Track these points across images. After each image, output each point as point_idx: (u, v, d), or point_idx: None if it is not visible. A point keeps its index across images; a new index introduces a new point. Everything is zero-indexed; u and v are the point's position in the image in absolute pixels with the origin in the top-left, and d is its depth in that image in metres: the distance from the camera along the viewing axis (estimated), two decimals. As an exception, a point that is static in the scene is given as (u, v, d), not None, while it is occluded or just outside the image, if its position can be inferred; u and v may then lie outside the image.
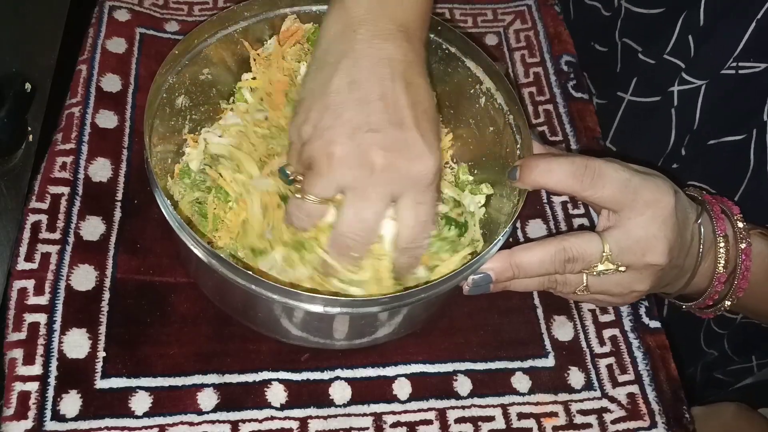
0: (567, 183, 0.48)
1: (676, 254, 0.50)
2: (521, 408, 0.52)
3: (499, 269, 0.48)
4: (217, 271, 0.45)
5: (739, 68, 0.62)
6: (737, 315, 0.71)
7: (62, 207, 0.55)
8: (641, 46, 0.70)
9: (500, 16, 0.76)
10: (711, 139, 0.66)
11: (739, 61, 0.62)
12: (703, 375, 0.81)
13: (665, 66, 0.67)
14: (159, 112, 0.52)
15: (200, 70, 0.55)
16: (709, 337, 0.77)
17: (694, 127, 0.67)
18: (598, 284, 0.51)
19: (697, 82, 0.65)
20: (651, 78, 0.69)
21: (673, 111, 0.68)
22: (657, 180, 0.50)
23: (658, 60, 0.68)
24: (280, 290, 0.44)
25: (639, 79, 0.71)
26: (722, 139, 0.65)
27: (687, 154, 0.69)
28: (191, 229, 0.45)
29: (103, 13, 0.66)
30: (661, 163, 0.71)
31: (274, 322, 0.50)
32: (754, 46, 0.61)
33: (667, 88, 0.67)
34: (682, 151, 0.69)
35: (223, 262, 0.44)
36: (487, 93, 0.56)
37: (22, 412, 0.46)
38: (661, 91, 0.68)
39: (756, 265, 0.54)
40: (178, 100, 0.54)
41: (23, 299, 0.50)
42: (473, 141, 0.60)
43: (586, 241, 0.49)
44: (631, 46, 0.72)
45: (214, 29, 0.55)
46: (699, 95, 0.65)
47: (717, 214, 0.53)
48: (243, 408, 0.50)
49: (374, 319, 0.49)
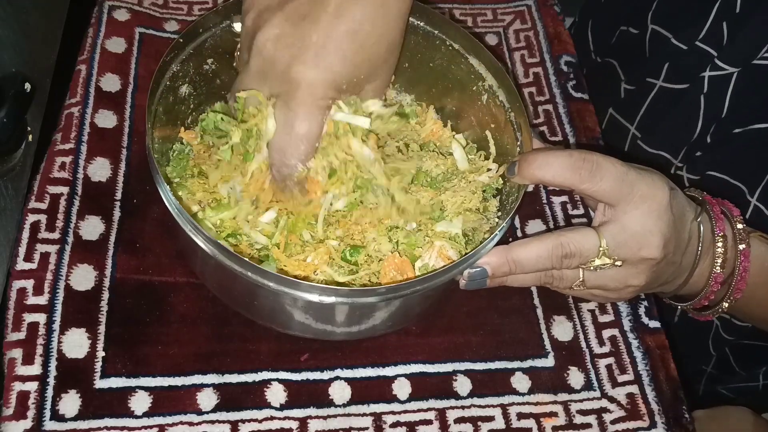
0: (565, 176, 0.48)
1: (672, 250, 0.50)
2: (521, 408, 0.53)
3: (495, 264, 0.48)
4: (215, 258, 0.45)
5: None
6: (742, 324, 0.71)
7: (61, 207, 0.55)
8: (672, 32, 0.69)
9: (500, 16, 0.76)
10: (737, 127, 0.65)
11: None
12: (707, 388, 0.81)
13: (697, 52, 0.66)
14: (162, 99, 0.52)
15: (204, 60, 0.55)
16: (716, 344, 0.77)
17: (722, 115, 0.66)
18: (594, 279, 0.51)
19: (729, 69, 0.64)
20: (682, 64, 0.69)
21: (702, 98, 0.67)
22: (653, 175, 0.50)
23: (690, 46, 0.67)
24: (277, 278, 0.44)
25: (670, 65, 0.70)
26: (748, 128, 0.64)
27: (712, 141, 0.68)
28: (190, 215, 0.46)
29: (102, 12, 0.66)
30: (685, 150, 0.70)
31: (271, 311, 0.50)
32: None
33: (698, 74, 0.66)
34: (708, 139, 0.68)
35: (222, 249, 0.44)
36: (489, 90, 0.56)
37: (22, 412, 0.46)
38: (692, 78, 0.68)
39: (755, 267, 0.54)
40: (182, 89, 0.55)
41: (22, 299, 0.50)
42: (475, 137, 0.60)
43: (583, 236, 0.49)
44: (661, 33, 0.71)
45: (219, 19, 0.55)
46: (730, 83, 0.64)
47: (717, 215, 0.53)
48: (242, 408, 0.50)
49: (369, 310, 0.49)
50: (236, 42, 0.55)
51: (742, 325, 0.71)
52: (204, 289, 0.54)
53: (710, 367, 0.79)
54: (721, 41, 0.64)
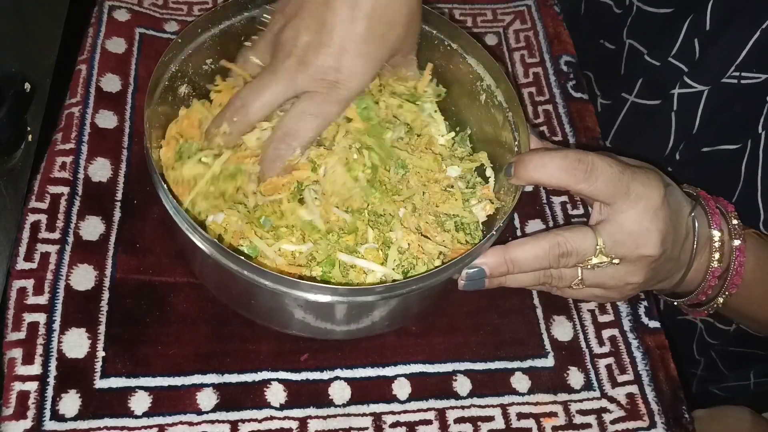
0: (560, 177, 0.48)
1: (670, 246, 0.51)
2: (521, 408, 0.53)
3: (493, 264, 0.49)
4: (213, 258, 0.45)
5: (741, 78, 0.62)
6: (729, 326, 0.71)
7: (62, 207, 0.55)
8: (647, 48, 0.70)
9: (500, 16, 0.76)
10: (705, 146, 0.66)
11: (741, 70, 0.62)
12: (699, 388, 0.81)
13: (669, 68, 0.67)
14: (161, 99, 0.52)
15: (203, 59, 0.55)
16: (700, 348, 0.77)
17: (692, 132, 0.67)
18: (593, 277, 0.51)
19: (699, 87, 0.65)
20: (655, 80, 0.69)
21: (673, 115, 0.68)
22: (649, 173, 0.50)
23: (663, 62, 0.68)
24: (274, 277, 0.44)
25: (644, 80, 0.71)
26: (716, 147, 0.65)
27: (681, 158, 0.69)
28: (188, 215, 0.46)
29: (102, 12, 0.66)
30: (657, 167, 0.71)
31: (270, 310, 0.50)
32: (757, 56, 0.61)
33: (669, 90, 0.67)
34: (677, 156, 0.69)
35: (220, 249, 0.44)
36: (488, 90, 0.56)
37: (21, 412, 0.46)
38: (663, 94, 0.68)
39: (750, 263, 0.54)
40: (181, 89, 0.55)
41: (22, 299, 0.50)
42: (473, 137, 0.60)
43: (580, 235, 0.49)
44: (636, 48, 0.72)
45: (218, 20, 0.55)
46: (700, 101, 0.65)
47: (712, 209, 0.54)
48: (242, 408, 0.50)
49: (367, 309, 0.49)
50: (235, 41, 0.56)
51: (724, 329, 0.72)
52: (204, 289, 0.54)
53: (700, 371, 0.79)
54: (693, 58, 0.65)
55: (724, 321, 0.71)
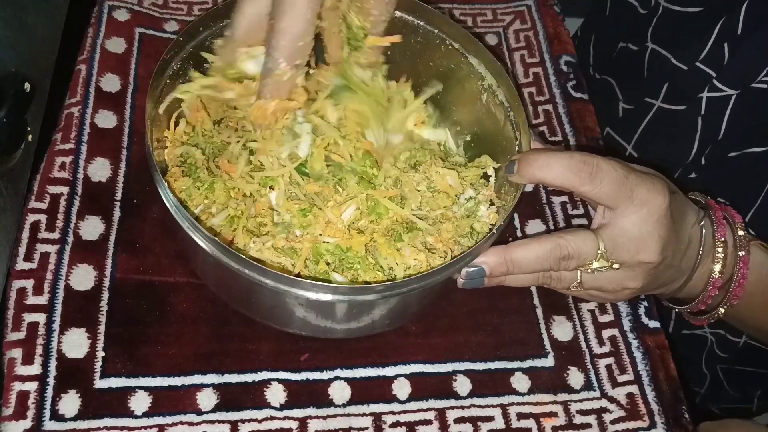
0: (565, 177, 0.48)
1: (671, 254, 0.50)
2: (521, 408, 0.53)
3: (493, 264, 0.48)
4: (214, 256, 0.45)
5: None
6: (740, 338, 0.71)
7: (61, 207, 0.55)
8: (672, 52, 0.69)
9: (500, 16, 0.76)
10: (732, 150, 0.65)
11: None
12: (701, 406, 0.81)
13: (697, 73, 0.66)
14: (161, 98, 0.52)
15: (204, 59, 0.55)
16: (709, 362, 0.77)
17: (719, 137, 0.66)
18: (591, 281, 0.51)
19: (728, 91, 0.64)
20: (681, 85, 0.68)
21: (700, 119, 0.66)
22: (654, 179, 0.50)
23: (690, 66, 0.66)
24: (275, 275, 0.44)
25: (669, 85, 0.69)
26: (744, 151, 0.64)
27: (706, 163, 0.68)
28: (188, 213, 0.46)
29: (102, 12, 0.66)
30: (680, 171, 0.70)
31: (270, 308, 0.50)
32: None
33: (697, 95, 0.66)
34: (702, 161, 0.68)
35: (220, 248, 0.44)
36: (489, 89, 0.56)
37: (21, 412, 0.46)
38: (690, 99, 0.67)
39: (753, 275, 0.54)
40: None
41: (22, 299, 0.50)
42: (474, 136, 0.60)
43: (582, 239, 0.49)
44: (660, 53, 0.70)
45: (219, 19, 0.55)
46: (728, 106, 0.64)
47: (719, 220, 0.53)
48: (242, 408, 0.50)
49: (367, 307, 0.49)
50: None
51: (734, 341, 0.71)
52: (204, 289, 0.54)
53: (704, 389, 0.79)
54: (722, 62, 0.64)
55: (735, 332, 0.71)
